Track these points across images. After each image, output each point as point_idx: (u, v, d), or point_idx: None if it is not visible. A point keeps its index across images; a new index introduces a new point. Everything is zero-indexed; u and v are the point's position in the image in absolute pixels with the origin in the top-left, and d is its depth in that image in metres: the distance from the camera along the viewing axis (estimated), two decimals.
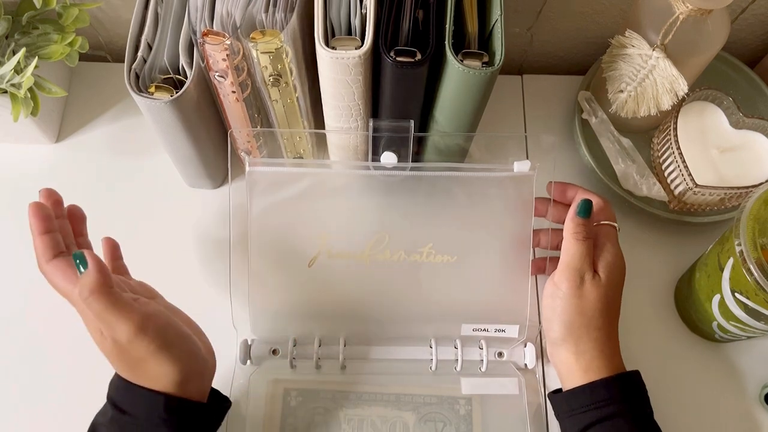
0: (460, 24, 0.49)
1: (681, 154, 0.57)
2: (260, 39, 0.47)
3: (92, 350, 0.57)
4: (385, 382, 0.56)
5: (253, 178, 0.53)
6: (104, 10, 0.64)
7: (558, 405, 0.51)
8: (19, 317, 0.59)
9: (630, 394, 0.48)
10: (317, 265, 0.54)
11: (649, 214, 0.60)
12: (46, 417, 0.55)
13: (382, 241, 0.54)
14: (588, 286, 0.49)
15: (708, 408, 0.57)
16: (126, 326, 0.41)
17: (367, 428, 0.54)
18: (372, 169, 0.54)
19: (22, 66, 0.54)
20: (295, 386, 0.55)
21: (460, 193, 0.54)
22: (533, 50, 0.71)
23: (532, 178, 0.53)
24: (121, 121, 0.67)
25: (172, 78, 0.51)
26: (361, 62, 0.46)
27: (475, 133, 0.55)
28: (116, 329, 0.41)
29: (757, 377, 0.58)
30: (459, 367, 0.56)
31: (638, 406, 0.48)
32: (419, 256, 0.55)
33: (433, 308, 0.56)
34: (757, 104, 0.66)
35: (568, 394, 0.50)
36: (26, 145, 0.65)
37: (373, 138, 0.52)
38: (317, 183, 0.54)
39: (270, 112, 0.56)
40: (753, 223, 0.47)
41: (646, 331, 0.59)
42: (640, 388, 0.49)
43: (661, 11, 0.53)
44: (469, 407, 0.55)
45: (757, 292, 0.47)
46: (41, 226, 0.45)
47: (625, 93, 0.59)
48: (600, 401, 0.47)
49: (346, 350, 0.55)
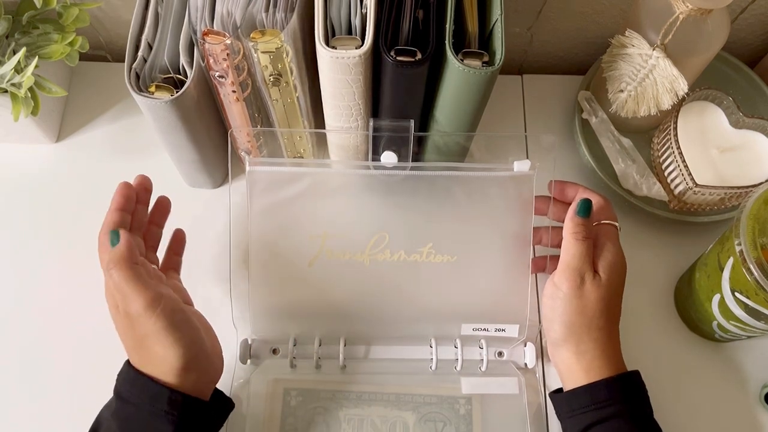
0: (460, 24, 0.49)
1: (681, 154, 0.57)
2: (260, 39, 0.47)
3: (91, 350, 0.58)
4: (385, 381, 0.56)
5: (253, 177, 0.53)
6: (104, 10, 0.64)
7: (559, 405, 0.51)
8: (19, 315, 0.58)
9: (630, 394, 0.48)
10: (317, 265, 0.54)
11: (649, 214, 0.60)
12: (50, 413, 0.55)
13: (382, 241, 0.54)
14: (588, 286, 0.48)
15: (708, 408, 0.57)
16: (138, 300, 0.43)
17: (367, 428, 0.54)
18: (372, 168, 0.54)
19: (22, 66, 0.54)
20: (295, 386, 0.55)
21: (460, 193, 0.54)
22: (533, 50, 0.71)
23: (532, 177, 0.53)
24: (121, 121, 0.67)
25: (173, 78, 0.51)
26: (362, 62, 0.46)
27: (475, 132, 0.55)
28: (129, 302, 0.44)
29: (757, 377, 0.58)
30: (459, 367, 0.56)
31: (638, 406, 0.48)
32: (419, 255, 0.55)
33: (433, 308, 0.56)
34: (757, 104, 0.66)
35: (569, 395, 0.50)
36: (26, 145, 0.65)
37: (373, 138, 0.52)
38: (317, 183, 0.54)
39: (270, 112, 0.56)
40: (753, 223, 0.47)
41: (646, 331, 0.59)
42: (641, 388, 0.49)
43: (661, 11, 0.53)
44: (469, 407, 0.55)
45: (757, 292, 0.47)
46: (118, 202, 0.49)
47: (625, 93, 0.59)
48: (600, 402, 0.47)
49: (346, 350, 0.55)
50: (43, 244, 0.61)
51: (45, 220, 0.63)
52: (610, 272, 0.49)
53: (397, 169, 0.53)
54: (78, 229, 0.62)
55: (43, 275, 0.60)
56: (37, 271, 0.61)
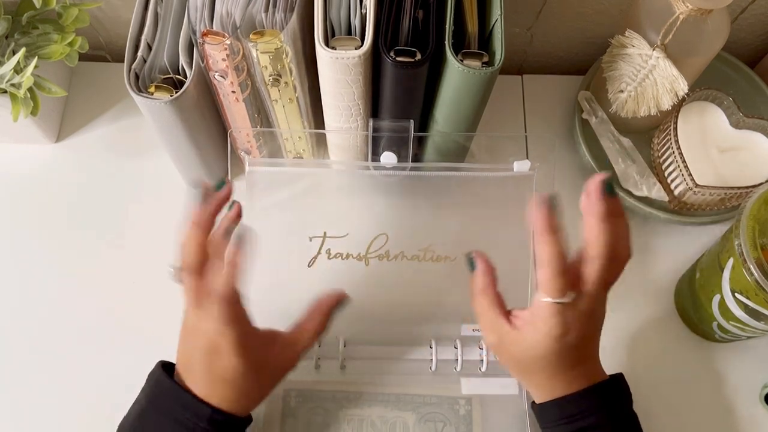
0: (460, 24, 0.49)
1: (681, 154, 0.57)
2: (260, 39, 0.47)
3: (91, 349, 0.58)
4: (384, 382, 0.56)
5: (253, 178, 0.53)
6: (104, 10, 0.64)
7: (537, 415, 0.48)
8: (18, 316, 0.58)
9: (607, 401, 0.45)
10: (317, 265, 0.54)
11: (649, 214, 0.60)
12: (49, 413, 0.55)
13: (381, 241, 0.54)
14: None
15: (708, 408, 0.57)
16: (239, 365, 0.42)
17: (367, 428, 0.54)
18: (372, 169, 0.54)
19: (22, 66, 0.54)
20: (294, 386, 0.55)
21: (460, 193, 0.54)
22: (533, 50, 0.71)
23: (532, 178, 0.53)
24: (121, 121, 0.67)
25: (172, 78, 0.51)
26: (361, 62, 0.46)
27: (475, 133, 0.55)
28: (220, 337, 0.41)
29: (757, 377, 0.58)
30: (459, 367, 0.56)
31: (618, 412, 0.45)
32: (419, 256, 0.55)
33: (432, 308, 0.56)
34: (757, 104, 0.66)
35: (541, 407, 0.46)
36: (26, 145, 0.65)
37: (373, 138, 0.52)
38: (317, 183, 0.54)
39: (270, 112, 0.56)
40: (753, 223, 0.47)
41: (647, 331, 0.59)
42: (621, 394, 0.46)
43: (661, 11, 0.53)
44: (469, 407, 0.55)
45: (758, 292, 0.47)
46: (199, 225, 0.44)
47: (625, 93, 0.59)
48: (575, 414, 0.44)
49: (345, 350, 0.55)
50: (42, 244, 0.61)
51: (45, 220, 0.63)
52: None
53: (397, 169, 0.53)
54: (77, 229, 0.62)
55: (42, 275, 0.60)
56: (36, 270, 0.61)
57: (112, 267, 0.61)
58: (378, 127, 0.52)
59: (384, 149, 0.53)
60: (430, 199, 0.55)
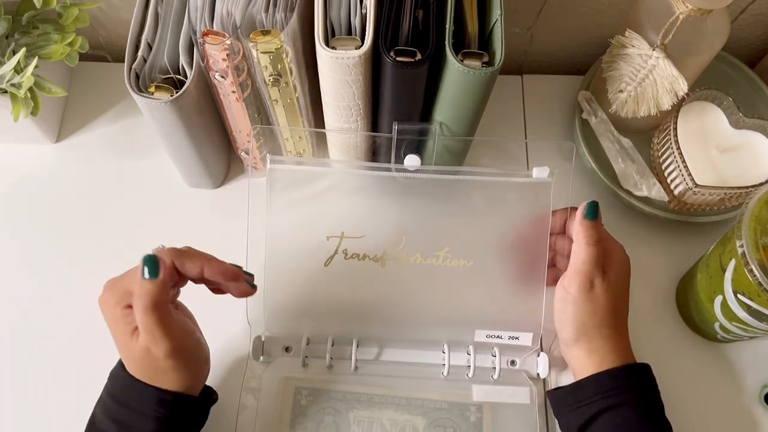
0: (460, 24, 0.49)
1: (681, 154, 0.57)
2: (260, 39, 0.47)
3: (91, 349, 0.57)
4: (396, 385, 0.55)
5: (273, 175, 0.53)
6: (104, 10, 0.64)
7: (562, 399, 0.51)
8: (18, 316, 0.58)
9: (638, 383, 0.48)
10: (333, 265, 0.54)
11: (649, 214, 0.60)
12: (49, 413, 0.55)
13: (398, 243, 0.54)
14: (598, 289, 0.49)
15: (708, 408, 0.57)
16: (165, 345, 0.42)
17: (377, 431, 0.54)
18: (394, 171, 0.54)
19: (22, 66, 0.54)
20: (306, 385, 0.55)
21: (478, 197, 0.54)
22: (533, 50, 0.71)
23: (550, 184, 0.53)
24: (121, 121, 0.67)
25: (172, 78, 0.51)
26: (361, 62, 0.46)
27: (490, 137, 0.55)
28: (156, 344, 0.42)
29: (758, 377, 0.58)
30: (471, 374, 0.55)
31: (647, 396, 0.48)
32: (435, 259, 0.54)
33: (447, 312, 0.56)
34: (757, 104, 0.66)
35: (574, 386, 0.50)
36: (26, 145, 0.65)
37: (387, 139, 0.52)
38: (337, 183, 0.54)
39: (270, 112, 0.56)
40: (755, 224, 0.47)
41: (648, 331, 0.59)
42: (649, 380, 0.49)
43: (661, 11, 0.53)
44: (480, 414, 0.55)
45: (760, 293, 0.47)
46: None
47: (625, 93, 0.59)
48: (606, 391, 0.47)
49: (358, 351, 0.55)
50: (42, 244, 0.61)
51: (45, 220, 0.62)
52: (617, 272, 0.49)
53: (420, 172, 0.53)
54: (78, 229, 0.62)
55: (42, 275, 0.60)
56: (36, 270, 0.61)
57: (112, 267, 0.60)
58: (402, 130, 0.51)
59: (406, 152, 0.53)
60: (448, 203, 0.55)
